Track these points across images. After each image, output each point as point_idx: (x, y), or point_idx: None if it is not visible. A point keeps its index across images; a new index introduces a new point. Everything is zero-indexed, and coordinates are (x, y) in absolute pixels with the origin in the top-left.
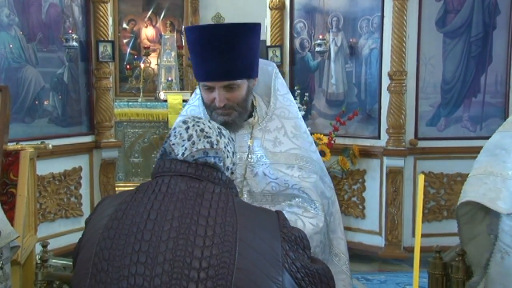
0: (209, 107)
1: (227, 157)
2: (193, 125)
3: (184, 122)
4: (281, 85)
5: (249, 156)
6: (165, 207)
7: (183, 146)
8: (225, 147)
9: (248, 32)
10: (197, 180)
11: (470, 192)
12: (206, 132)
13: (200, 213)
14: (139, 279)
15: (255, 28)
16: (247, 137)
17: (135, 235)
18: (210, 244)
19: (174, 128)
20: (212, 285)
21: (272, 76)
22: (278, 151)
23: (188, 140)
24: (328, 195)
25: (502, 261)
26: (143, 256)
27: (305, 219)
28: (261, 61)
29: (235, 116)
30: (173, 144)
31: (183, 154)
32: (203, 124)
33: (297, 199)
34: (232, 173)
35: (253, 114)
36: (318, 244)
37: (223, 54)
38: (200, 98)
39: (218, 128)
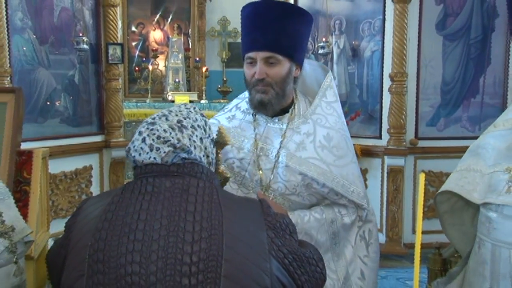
0: (249, 84)
1: (195, 147)
2: (148, 135)
3: (139, 133)
4: (330, 92)
5: (279, 151)
6: (153, 206)
7: (150, 158)
8: (189, 139)
9: (298, 15)
10: (180, 176)
11: (450, 184)
12: (163, 138)
13: (187, 209)
14: (135, 277)
15: (305, 15)
16: (280, 132)
17: (128, 236)
18: (198, 239)
19: (133, 142)
20: (203, 278)
21: (324, 81)
22: (298, 156)
23: (151, 150)
24: (328, 217)
25: (479, 250)
26: (137, 256)
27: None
28: (319, 64)
29: (272, 95)
30: (143, 160)
31: (157, 162)
32: (158, 129)
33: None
34: (207, 156)
35: (291, 110)
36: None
37: (269, 26)
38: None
39: (178, 121)
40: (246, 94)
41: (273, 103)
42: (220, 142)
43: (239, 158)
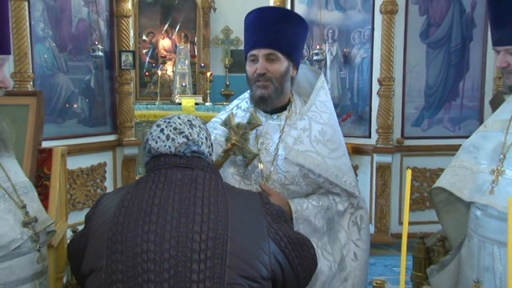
0: (251, 80)
1: (202, 143)
2: (166, 126)
3: (158, 125)
4: (323, 92)
5: (278, 145)
6: (166, 193)
7: (165, 146)
8: (198, 136)
9: (296, 20)
10: (190, 168)
11: (443, 180)
12: (179, 129)
13: (196, 195)
14: (150, 254)
15: (302, 21)
16: (278, 128)
17: (143, 219)
18: (206, 220)
19: (151, 133)
20: (211, 254)
21: (317, 82)
22: (296, 149)
23: (167, 139)
24: (324, 204)
25: (468, 243)
26: (152, 235)
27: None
28: (311, 67)
29: (272, 90)
30: (158, 148)
31: (170, 152)
32: (174, 122)
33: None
34: (210, 154)
35: (288, 108)
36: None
37: (270, 27)
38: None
39: (188, 120)
40: (245, 95)
41: (273, 98)
42: (252, 123)
43: None
